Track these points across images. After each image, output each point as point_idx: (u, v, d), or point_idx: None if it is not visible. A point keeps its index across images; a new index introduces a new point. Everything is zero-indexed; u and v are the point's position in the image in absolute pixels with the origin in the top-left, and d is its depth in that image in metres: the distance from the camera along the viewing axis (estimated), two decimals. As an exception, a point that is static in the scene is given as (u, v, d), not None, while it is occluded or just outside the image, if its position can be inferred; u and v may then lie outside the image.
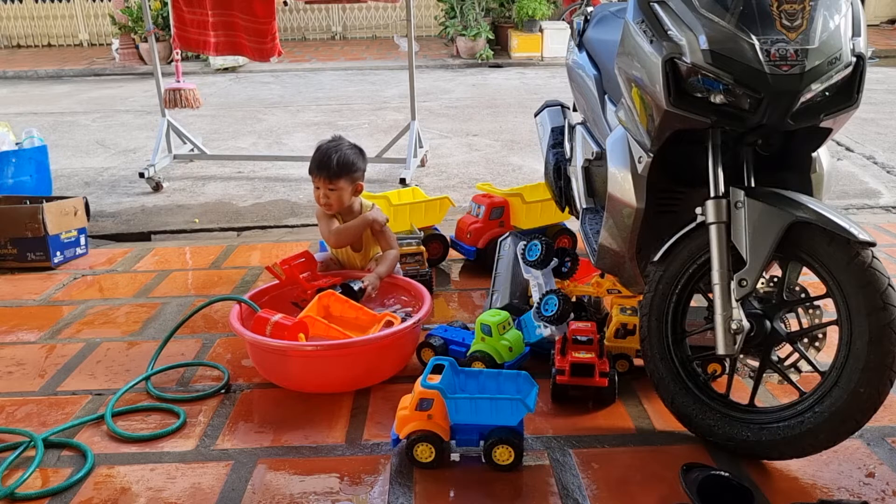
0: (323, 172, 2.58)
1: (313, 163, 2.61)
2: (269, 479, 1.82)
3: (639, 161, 1.95)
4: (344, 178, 2.59)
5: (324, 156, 2.59)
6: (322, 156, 2.59)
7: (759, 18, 1.61)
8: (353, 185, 2.63)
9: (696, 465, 1.77)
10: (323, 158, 2.58)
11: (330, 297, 2.41)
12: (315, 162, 2.60)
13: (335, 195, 2.60)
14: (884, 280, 1.62)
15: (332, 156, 2.57)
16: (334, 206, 2.62)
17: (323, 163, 2.58)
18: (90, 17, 13.93)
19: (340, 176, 2.58)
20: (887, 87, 7.87)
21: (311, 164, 2.61)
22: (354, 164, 2.63)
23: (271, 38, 4.71)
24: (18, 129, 4.29)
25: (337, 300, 2.41)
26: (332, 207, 2.63)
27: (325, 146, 2.63)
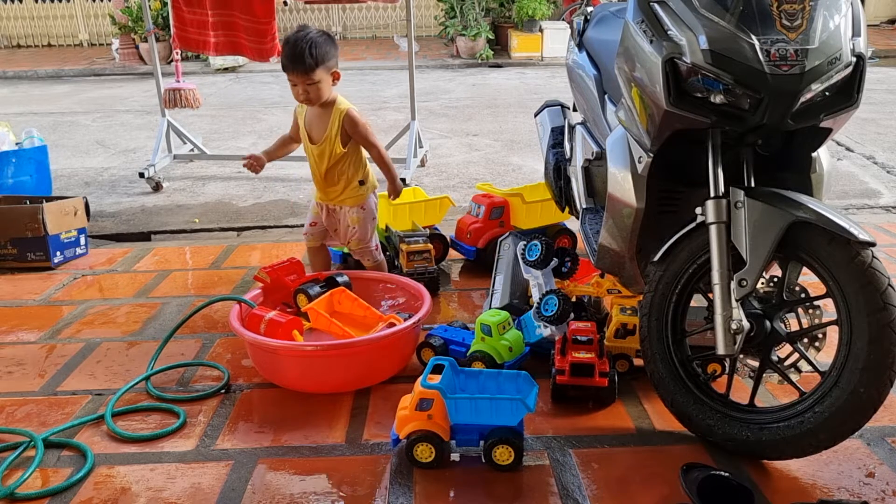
0: (300, 66, 2.44)
1: (286, 58, 2.46)
2: (269, 479, 1.82)
3: (639, 161, 1.95)
4: (321, 68, 2.46)
5: (296, 48, 2.43)
6: (294, 49, 2.43)
7: (759, 18, 1.61)
8: (331, 74, 2.52)
9: (696, 465, 1.77)
10: (296, 51, 2.43)
11: (342, 294, 2.42)
12: (288, 57, 2.45)
13: (315, 88, 2.48)
14: (884, 280, 1.62)
15: (304, 47, 2.42)
16: (315, 100, 2.52)
17: (297, 56, 2.43)
18: (90, 17, 13.92)
19: (318, 66, 2.45)
20: (887, 87, 7.87)
21: (283, 60, 2.48)
22: (329, 52, 2.49)
23: (271, 38, 4.71)
24: (18, 129, 4.29)
25: (347, 297, 2.42)
26: (312, 102, 2.53)
27: (293, 38, 2.46)
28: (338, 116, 2.57)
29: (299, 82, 2.47)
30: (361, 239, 2.74)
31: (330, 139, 2.58)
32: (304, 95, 2.50)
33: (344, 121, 2.57)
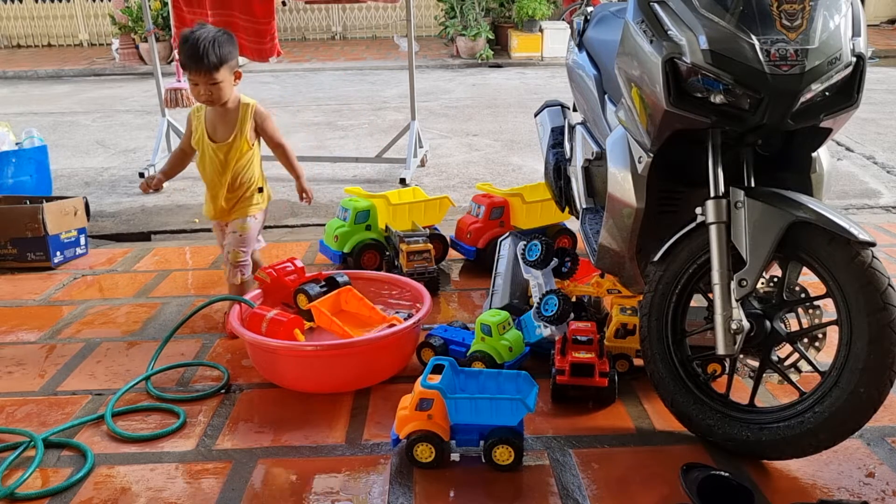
0: (202, 66, 2.34)
1: (187, 57, 2.35)
2: (269, 479, 1.82)
3: (639, 161, 1.95)
4: (225, 67, 2.38)
5: (197, 47, 2.32)
6: (195, 47, 2.33)
7: (759, 18, 1.61)
8: (233, 74, 2.44)
9: (696, 465, 1.77)
10: (198, 50, 2.32)
11: (348, 293, 2.42)
12: (189, 55, 2.34)
13: (217, 88, 2.39)
14: (884, 280, 1.62)
15: (207, 45, 2.32)
16: (217, 101, 2.43)
17: (199, 55, 2.32)
18: (90, 17, 13.92)
19: (221, 66, 2.37)
20: (887, 87, 7.87)
21: (183, 58, 2.37)
22: (232, 51, 2.41)
23: (270, 38, 4.71)
24: (18, 129, 4.29)
25: (353, 297, 2.42)
26: (214, 102, 2.44)
27: (193, 36, 2.35)
28: (247, 112, 2.50)
29: (202, 82, 2.38)
30: (242, 246, 2.60)
31: (239, 136, 2.49)
32: (206, 96, 2.41)
33: (255, 116, 2.52)
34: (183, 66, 2.39)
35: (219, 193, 2.57)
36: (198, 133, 2.54)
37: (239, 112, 2.50)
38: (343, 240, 3.06)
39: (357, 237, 3.06)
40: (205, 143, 2.53)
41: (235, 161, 2.53)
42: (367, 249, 3.05)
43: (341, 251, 3.06)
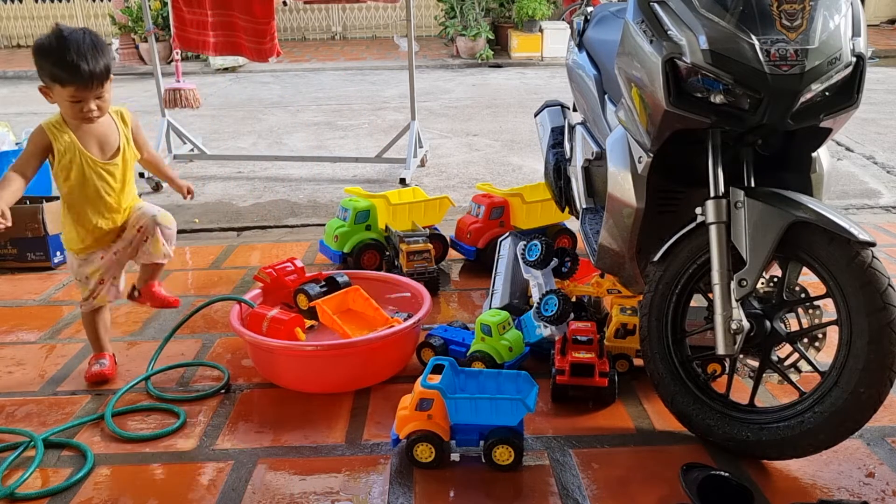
0: (92, 80, 1.95)
1: (66, 68, 1.91)
2: (269, 479, 1.82)
3: (639, 161, 1.95)
4: (109, 77, 2.03)
5: (81, 55, 1.92)
6: (79, 56, 1.91)
7: (759, 18, 1.61)
8: (111, 82, 2.06)
9: (696, 465, 1.77)
10: (82, 60, 1.92)
11: (356, 293, 2.42)
12: (71, 67, 1.91)
13: (105, 100, 2.04)
14: (884, 280, 1.62)
15: (95, 53, 1.94)
16: (103, 113, 2.07)
17: (86, 67, 1.92)
18: (90, 17, 13.93)
19: (108, 76, 2.02)
20: (887, 87, 7.87)
21: (57, 70, 1.93)
22: (111, 56, 2.06)
23: (270, 38, 4.71)
24: (18, 129, 4.29)
25: (360, 296, 2.42)
26: (101, 116, 2.06)
27: (65, 41, 1.92)
28: (123, 118, 2.19)
29: (90, 97, 1.97)
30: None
31: (127, 145, 2.18)
32: (96, 112, 2.01)
33: (131, 120, 2.21)
34: (62, 80, 1.92)
35: (116, 217, 2.20)
36: (67, 156, 2.06)
37: (114, 118, 2.16)
38: (343, 240, 3.06)
39: (357, 237, 3.06)
40: (86, 164, 2.08)
41: (128, 172, 2.19)
42: (367, 249, 3.05)
43: (341, 251, 3.06)
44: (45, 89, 2.00)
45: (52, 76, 1.95)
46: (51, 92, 1.99)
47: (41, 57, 1.95)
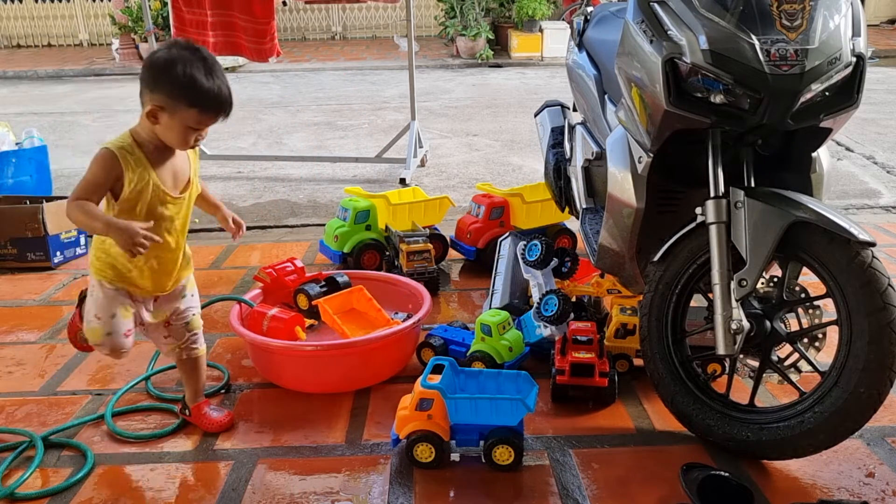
0: (227, 109, 1.79)
1: (207, 92, 1.71)
2: (269, 479, 1.82)
3: (639, 161, 1.95)
4: None
5: (222, 80, 1.75)
6: (221, 81, 1.75)
7: (759, 18, 1.61)
8: None
9: (696, 465, 1.77)
10: (223, 85, 1.75)
11: (360, 293, 2.42)
12: (214, 92, 1.72)
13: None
14: (884, 280, 1.62)
15: (226, 88, 1.77)
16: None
17: (227, 94, 1.77)
18: (90, 17, 13.93)
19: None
20: (887, 87, 7.87)
21: (196, 93, 1.69)
22: None
23: (270, 38, 4.71)
24: (18, 129, 4.28)
25: (363, 297, 2.43)
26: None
27: (210, 60, 1.74)
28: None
29: (206, 128, 1.78)
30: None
31: (195, 178, 1.92)
32: (197, 141, 1.80)
33: (198, 148, 1.92)
34: (193, 102, 1.69)
35: (177, 258, 1.92)
36: (138, 188, 1.74)
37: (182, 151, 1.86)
38: (343, 240, 3.06)
39: (357, 237, 3.06)
40: (157, 199, 1.79)
41: (189, 213, 1.94)
42: (367, 249, 3.05)
43: (341, 251, 3.06)
44: (158, 109, 1.68)
45: (189, 98, 1.68)
46: (166, 113, 1.69)
47: (176, 73, 1.66)
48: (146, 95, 1.70)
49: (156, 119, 1.70)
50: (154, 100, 1.69)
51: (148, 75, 1.70)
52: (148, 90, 1.70)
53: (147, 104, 1.70)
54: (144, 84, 1.71)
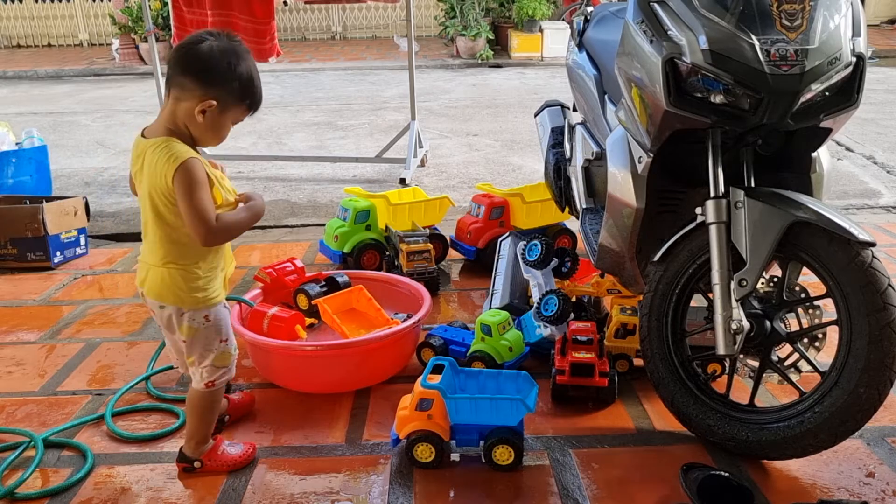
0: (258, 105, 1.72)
1: (259, 97, 1.70)
2: (269, 479, 1.82)
3: (639, 161, 1.95)
4: None
5: (258, 80, 1.69)
6: (258, 81, 1.68)
7: (759, 18, 1.61)
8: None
9: (696, 465, 1.77)
10: (259, 85, 1.69)
11: (360, 293, 2.42)
12: (261, 96, 1.70)
13: None
14: (884, 280, 1.62)
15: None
16: None
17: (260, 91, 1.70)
18: (90, 17, 13.92)
19: None
20: (887, 87, 7.87)
21: (256, 99, 1.68)
22: None
23: (270, 38, 4.71)
24: (18, 129, 4.29)
25: (363, 296, 2.43)
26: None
27: (257, 76, 1.68)
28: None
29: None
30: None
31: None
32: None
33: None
34: (246, 98, 1.66)
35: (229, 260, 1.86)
36: (213, 189, 1.67)
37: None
38: (343, 240, 3.06)
39: (357, 237, 3.06)
40: (224, 197, 1.72)
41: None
42: (367, 249, 3.05)
43: (341, 251, 3.06)
44: (211, 105, 1.60)
45: (246, 94, 1.65)
46: (217, 109, 1.61)
47: (237, 69, 1.61)
48: (196, 91, 1.58)
49: (203, 115, 1.61)
50: (209, 95, 1.59)
51: (200, 68, 1.58)
52: (200, 85, 1.58)
53: (196, 99, 1.59)
54: (195, 79, 1.58)
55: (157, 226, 1.65)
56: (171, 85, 1.62)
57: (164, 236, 1.66)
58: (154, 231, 1.66)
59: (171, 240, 1.66)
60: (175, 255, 1.67)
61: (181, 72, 1.59)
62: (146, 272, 1.71)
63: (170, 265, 1.67)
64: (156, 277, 1.69)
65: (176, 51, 1.64)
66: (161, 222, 1.64)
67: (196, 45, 1.60)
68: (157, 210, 1.63)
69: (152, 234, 1.67)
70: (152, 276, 1.69)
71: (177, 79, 1.60)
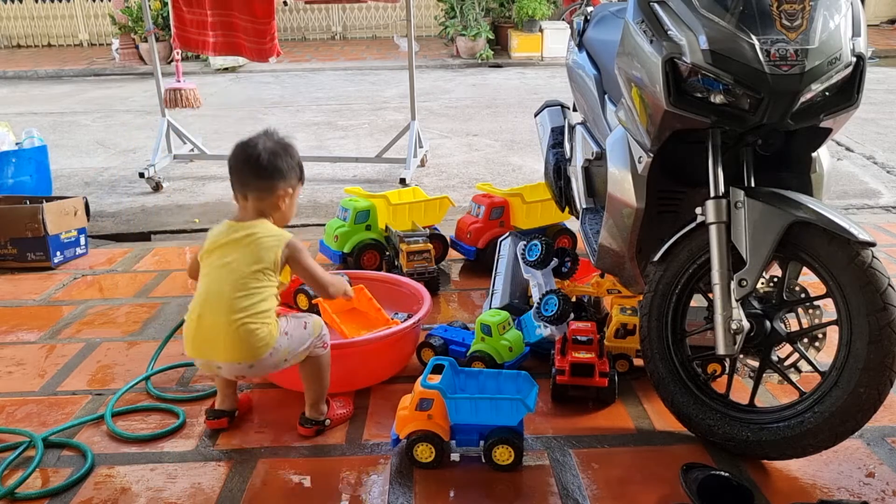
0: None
1: (301, 169, 2.00)
2: (269, 479, 1.82)
3: (639, 161, 1.95)
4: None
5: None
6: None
7: (759, 18, 1.61)
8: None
9: (696, 465, 1.77)
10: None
11: (360, 292, 2.42)
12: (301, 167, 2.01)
13: None
14: (884, 280, 1.62)
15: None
16: None
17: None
18: (90, 17, 13.92)
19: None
20: (887, 87, 7.87)
21: (303, 174, 2.01)
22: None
23: (270, 38, 4.71)
24: (18, 129, 4.29)
25: (363, 296, 2.43)
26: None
27: (294, 147, 2.01)
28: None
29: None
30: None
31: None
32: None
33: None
34: (301, 179, 2.00)
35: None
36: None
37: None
38: (343, 240, 3.06)
39: (357, 237, 3.06)
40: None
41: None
42: (367, 249, 3.05)
43: (341, 251, 3.06)
44: (290, 194, 1.95)
45: (301, 175, 1.99)
46: (292, 194, 1.96)
47: (297, 159, 1.96)
48: (277, 188, 1.90)
49: (284, 203, 1.94)
50: (289, 184, 1.92)
51: (274, 173, 1.89)
52: (281, 180, 1.90)
53: (279, 191, 1.90)
54: (271, 181, 1.89)
55: (246, 291, 1.84)
56: (248, 190, 1.90)
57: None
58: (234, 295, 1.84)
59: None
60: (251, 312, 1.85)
61: (256, 179, 1.89)
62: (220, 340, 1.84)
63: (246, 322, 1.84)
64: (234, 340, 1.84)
65: (244, 162, 1.90)
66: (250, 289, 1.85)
67: (258, 155, 1.88)
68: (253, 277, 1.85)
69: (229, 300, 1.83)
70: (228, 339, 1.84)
71: (253, 184, 1.89)
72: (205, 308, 1.85)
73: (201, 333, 1.86)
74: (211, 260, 1.90)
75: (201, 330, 1.85)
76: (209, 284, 1.87)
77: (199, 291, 1.89)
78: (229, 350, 1.83)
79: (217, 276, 1.86)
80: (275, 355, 1.88)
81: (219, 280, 1.86)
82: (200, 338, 1.86)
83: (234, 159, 1.92)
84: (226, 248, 1.88)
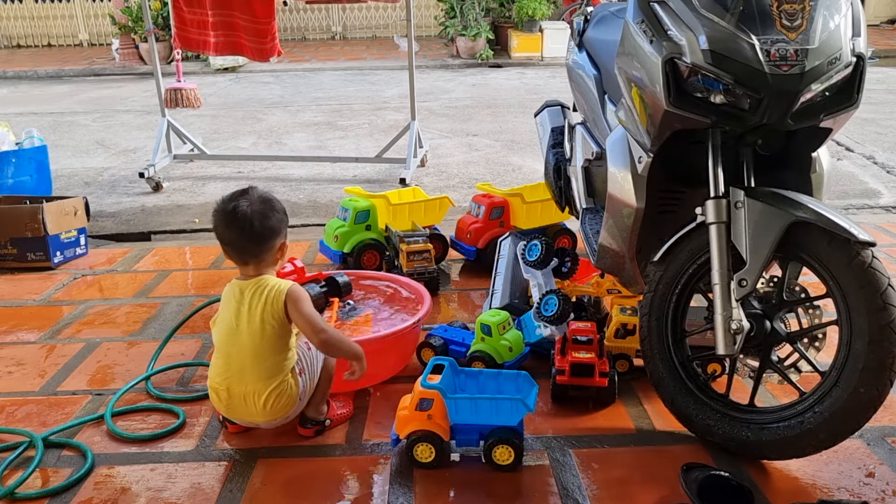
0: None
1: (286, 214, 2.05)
2: (269, 479, 1.82)
3: (639, 161, 1.95)
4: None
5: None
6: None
7: (759, 18, 1.61)
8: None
9: (696, 465, 1.77)
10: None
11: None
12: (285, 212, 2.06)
13: None
14: (884, 280, 1.62)
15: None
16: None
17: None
18: (90, 17, 13.92)
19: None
20: (887, 87, 7.87)
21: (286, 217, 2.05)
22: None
23: (271, 38, 4.71)
24: (18, 129, 4.29)
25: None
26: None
27: (278, 201, 2.07)
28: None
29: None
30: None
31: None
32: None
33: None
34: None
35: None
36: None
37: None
38: (343, 240, 3.06)
39: (357, 237, 3.06)
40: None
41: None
42: (367, 249, 3.05)
43: (341, 251, 3.06)
44: (284, 245, 2.02)
45: (288, 220, 2.05)
46: (285, 245, 2.03)
47: (280, 209, 2.01)
48: (276, 240, 1.96)
49: (283, 251, 2.02)
50: (284, 234, 2.00)
51: (269, 234, 1.94)
52: (278, 235, 1.97)
53: (277, 245, 1.98)
54: (269, 241, 1.95)
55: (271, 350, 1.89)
56: (248, 257, 1.96)
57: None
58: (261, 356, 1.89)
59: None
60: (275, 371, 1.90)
61: (255, 246, 1.94)
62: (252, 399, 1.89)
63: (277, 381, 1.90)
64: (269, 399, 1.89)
65: (238, 235, 1.93)
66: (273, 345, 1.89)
67: (251, 224, 1.92)
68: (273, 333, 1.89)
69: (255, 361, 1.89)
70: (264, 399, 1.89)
71: (253, 251, 1.95)
72: (231, 381, 1.89)
73: (234, 403, 1.91)
74: (227, 324, 1.94)
75: (233, 400, 1.90)
76: (229, 356, 1.90)
77: (219, 359, 1.92)
78: (265, 414, 1.90)
79: (235, 342, 1.90)
80: (303, 396, 1.96)
81: (238, 347, 1.89)
82: (233, 406, 1.92)
83: (224, 232, 1.94)
84: (239, 313, 1.93)
